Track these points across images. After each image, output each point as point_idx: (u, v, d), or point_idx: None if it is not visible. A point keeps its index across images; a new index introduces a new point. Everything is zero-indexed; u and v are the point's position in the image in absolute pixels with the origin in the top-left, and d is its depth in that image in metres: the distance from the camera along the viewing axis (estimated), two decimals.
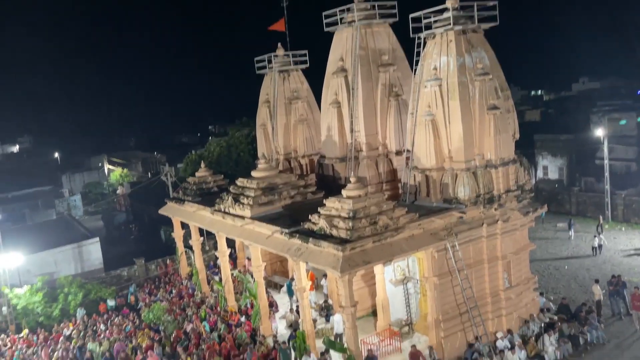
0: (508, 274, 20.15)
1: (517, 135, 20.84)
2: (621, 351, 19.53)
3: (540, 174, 44.81)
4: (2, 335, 26.19)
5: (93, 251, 32.93)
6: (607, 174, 35.37)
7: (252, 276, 22.98)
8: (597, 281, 22.96)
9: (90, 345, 22.20)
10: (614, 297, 22.31)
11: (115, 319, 25.53)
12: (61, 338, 24.02)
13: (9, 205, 49.93)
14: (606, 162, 35.28)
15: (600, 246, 29.84)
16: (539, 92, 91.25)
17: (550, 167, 44.32)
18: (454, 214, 18.76)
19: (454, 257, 18.33)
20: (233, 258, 28.20)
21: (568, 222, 33.80)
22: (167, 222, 29.79)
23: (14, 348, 24.25)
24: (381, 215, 17.11)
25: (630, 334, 20.67)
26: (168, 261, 31.75)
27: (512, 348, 18.51)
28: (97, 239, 33.72)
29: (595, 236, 30.46)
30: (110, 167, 75.98)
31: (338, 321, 19.92)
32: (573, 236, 32.77)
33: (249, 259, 26.43)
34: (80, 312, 26.61)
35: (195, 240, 26.11)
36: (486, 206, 19.20)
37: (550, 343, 19.07)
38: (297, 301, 21.25)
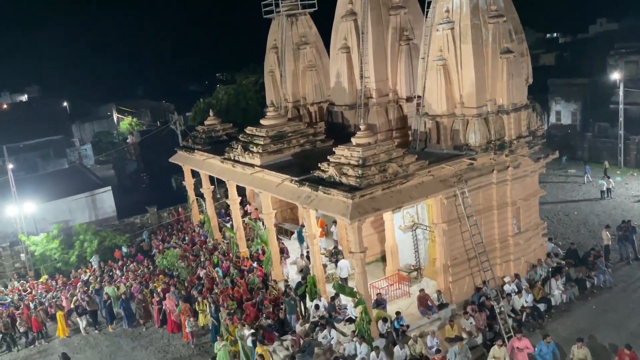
0: (517, 220, 20.23)
1: (531, 80, 20.38)
2: (628, 294, 19.81)
3: (552, 119, 44.14)
4: (22, 281, 27.09)
5: (106, 199, 33.44)
6: (621, 118, 34.79)
7: (262, 223, 23.28)
8: (607, 227, 23.02)
9: (107, 289, 22.95)
10: (622, 242, 22.42)
11: (130, 265, 26.22)
12: (79, 283, 24.80)
13: (21, 155, 50.36)
14: (621, 106, 34.62)
15: (609, 190, 29.89)
16: (555, 34, 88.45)
17: (563, 112, 43.58)
18: (464, 160, 18.66)
19: (463, 204, 18.37)
20: (244, 206, 28.52)
21: (584, 168, 33.73)
22: (178, 170, 29.99)
23: (34, 293, 25.13)
24: (391, 162, 17.05)
25: (638, 277, 20.90)
26: (180, 209, 32.20)
27: (519, 292, 18.83)
28: (110, 187, 34.15)
29: (604, 179, 30.53)
30: (119, 115, 75.88)
31: (342, 267, 20.39)
32: (588, 181, 32.78)
33: (256, 209, 26.74)
34: (95, 259, 27.31)
35: (206, 189, 26.33)
36: (497, 152, 19.05)
37: (556, 287, 19.37)
38: (307, 247, 21.61)
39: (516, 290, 18.99)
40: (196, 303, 20.77)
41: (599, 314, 18.74)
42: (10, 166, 29.23)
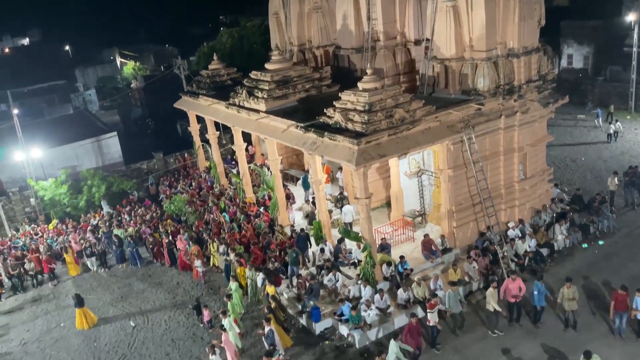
0: (523, 166, 20.17)
1: (543, 22, 19.74)
2: (631, 240, 19.97)
3: (564, 63, 43.08)
4: (33, 225, 27.61)
5: (112, 145, 33.56)
6: (634, 62, 33.93)
7: (268, 169, 23.35)
8: (615, 173, 22.88)
9: (116, 231, 23.45)
10: (629, 187, 22.37)
11: (139, 210, 26.58)
12: (89, 227, 25.27)
13: (25, 100, 50.18)
14: (635, 49, 33.68)
15: (616, 133, 29.78)
16: None
17: (575, 55, 42.46)
18: (472, 105, 18.40)
19: (469, 150, 18.26)
20: (249, 152, 28.53)
21: (596, 112, 33.39)
22: (183, 116, 29.84)
23: (45, 236, 25.66)
24: (397, 108, 16.84)
25: None
26: (186, 155, 32.29)
27: (522, 237, 19.01)
28: (115, 133, 34.21)
29: (610, 123, 30.56)
30: (122, 60, 74.83)
31: (346, 212, 20.58)
32: (598, 125, 32.56)
33: (262, 155, 26.75)
34: (104, 205, 27.71)
35: (212, 134, 26.26)
36: (505, 97, 18.76)
37: (560, 232, 19.54)
38: (313, 193, 21.75)
39: (520, 235, 19.17)
40: (206, 245, 21.25)
41: (601, 259, 18.96)
42: (15, 111, 29.17)
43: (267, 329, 15.11)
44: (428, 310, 15.17)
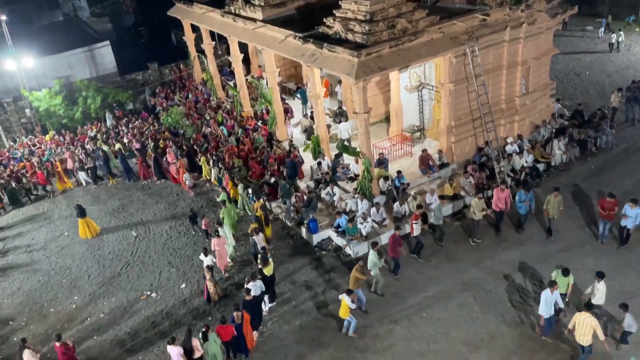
0: (526, 80, 19.77)
1: None
2: (628, 155, 20.04)
3: None
4: (30, 136, 27.54)
5: (105, 54, 32.62)
6: None
7: (266, 82, 22.90)
8: (619, 89, 22.51)
9: (103, 146, 23.39)
10: (630, 102, 22.10)
11: (136, 122, 26.39)
12: (86, 139, 25.20)
13: (14, 6, 48.05)
14: None
15: (617, 42, 29.38)
16: None
17: None
18: (476, 16, 17.68)
19: (472, 63, 17.80)
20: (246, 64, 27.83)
21: (602, 22, 32.43)
22: (178, 24, 28.77)
23: (43, 147, 25.67)
24: (400, 18, 16.18)
25: None
26: (181, 66, 31.53)
27: (520, 152, 19.05)
28: (108, 42, 33.13)
29: (612, 33, 30.12)
30: None
31: (342, 129, 20.44)
32: (602, 35, 31.77)
33: (259, 67, 26.10)
34: (109, 117, 27.44)
35: (207, 44, 25.46)
36: (512, 8, 17.98)
37: (558, 148, 19.54)
38: (312, 107, 21.49)
39: (517, 150, 19.20)
40: (199, 159, 21.45)
41: (596, 174, 19.13)
42: (3, 17, 28.04)
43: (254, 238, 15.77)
44: (412, 222, 15.47)
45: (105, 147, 23.29)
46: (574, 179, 18.95)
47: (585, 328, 11.36)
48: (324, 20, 17.15)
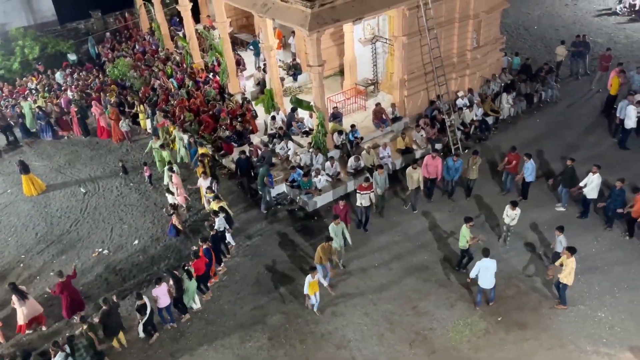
0: (477, 34, 19.96)
1: None
2: (572, 109, 20.81)
3: None
4: None
5: (43, 1, 30.54)
6: None
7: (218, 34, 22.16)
8: (562, 42, 23.11)
9: (22, 103, 22.27)
10: (575, 57, 22.73)
11: (80, 74, 25.19)
12: (26, 92, 23.90)
13: None
14: None
15: None
16: None
17: None
18: None
19: (425, 16, 17.78)
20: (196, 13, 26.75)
21: None
22: None
23: None
24: None
25: (584, 93, 21.74)
26: (127, 14, 30.00)
27: (470, 106, 19.43)
28: None
29: None
30: None
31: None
32: None
33: (209, 17, 25.17)
34: (60, 75, 25.45)
35: None
36: None
37: (506, 102, 20.05)
38: (264, 60, 21.05)
39: (468, 104, 19.57)
40: (136, 107, 21.31)
41: (541, 127, 19.82)
42: None
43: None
44: (357, 192, 15.16)
45: (24, 104, 21.98)
46: (520, 132, 19.57)
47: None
48: None
